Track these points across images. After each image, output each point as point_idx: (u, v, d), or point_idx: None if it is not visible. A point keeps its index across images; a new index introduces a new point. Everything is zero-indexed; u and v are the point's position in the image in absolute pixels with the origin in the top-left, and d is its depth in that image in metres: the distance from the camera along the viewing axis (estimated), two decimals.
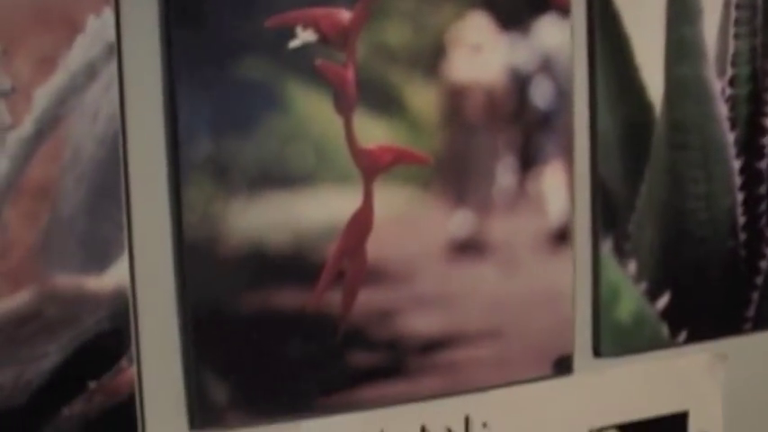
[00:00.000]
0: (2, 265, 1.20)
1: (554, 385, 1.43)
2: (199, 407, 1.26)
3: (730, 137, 1.49)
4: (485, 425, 1.40)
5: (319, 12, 1.26)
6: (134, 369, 1.25)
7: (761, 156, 1.51)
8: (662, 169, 1.46)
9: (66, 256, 1.22)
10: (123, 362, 1.24)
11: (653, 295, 1.47)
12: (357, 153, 1.29)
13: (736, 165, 1.50)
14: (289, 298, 1.27)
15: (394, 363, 1.33)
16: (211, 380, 1.26)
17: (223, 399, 1.27)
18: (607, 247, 1.44)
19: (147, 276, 1.24)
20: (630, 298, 1.46)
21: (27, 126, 1.19)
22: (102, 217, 1.23)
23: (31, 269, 1.21)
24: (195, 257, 1.24)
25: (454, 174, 1.34)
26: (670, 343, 1.49)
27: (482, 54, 1.35)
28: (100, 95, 1.21)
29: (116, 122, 1.22)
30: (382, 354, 1.33)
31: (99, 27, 1.20)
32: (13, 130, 1.19)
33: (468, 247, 1.35)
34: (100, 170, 1.22)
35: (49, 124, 1.20)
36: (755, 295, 1.54)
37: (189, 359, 1.26)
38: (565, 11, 1.38)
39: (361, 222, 1.30)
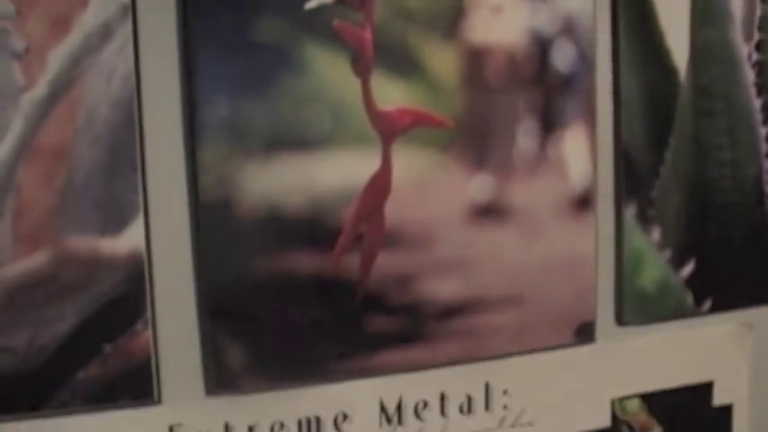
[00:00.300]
0: (17, 227, 1.19)
1: (576, 353, 1.41)
2: (215, 371, 1.25)
3: (757, 103, 1.47)
4: (505, 392, 1.38)
5: None
6: (149, 333, 1.24)
7: None
8: (686, 135, 1.44)
9: (82, 218, 1.21)
10: (139, 325, 1.24)
11: (677, 263, 1.45)
12: (375, 115, 1.27)
13: (763, 132, 1.48)
14: (305, 262, 1.26)
15: (413, 328, 1.32)
16: (227, 344, 1.25)
17: (239, 363, 1.26)
18: (630, 213, 1.42)
19: (163, 239, 1.23)
20: (654, 265, 1.44)
21: (41, 87, 1.19)
22: (117, 179, 1.22)
23: (47, 231, 1.20)
24: (211, 220, 1.23)
25: (474, 137, 1.32)
26: (694, 312, 1.47)
27: (502, 16, 1.32)
28: (115, 56, 1.20)
29: (131, 83, 1.21)
30: (401, 319, 1.31)
31: None
32: (27, 92, 1.18)
33: (489, 212, 1.34)
34: (115, 131, 1.22)
35: (64, 85, 1.19)
36: None
37: (205, 323, 1.25)
38: None
39: (379, 186, 1.28)
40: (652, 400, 1.47)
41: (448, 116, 1.31)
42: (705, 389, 1.50)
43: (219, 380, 1.26)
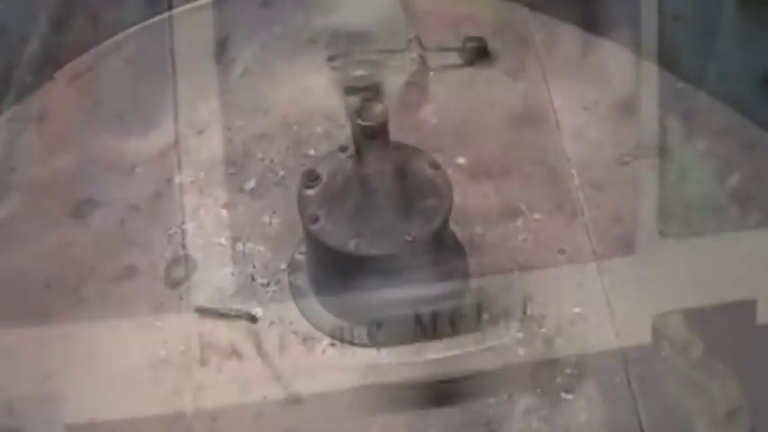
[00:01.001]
0: (43, 129, 1.18)
1: (616, 265, 1.37)
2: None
3: None
4: (542, 304, 1.35)
5: None
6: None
7: None
8: (732, 44, 1.39)
9: (110, 120, 1.20)
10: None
11: (723, 174, 1.41)
12: (414, 18, 1.24)
13: None
14: (340, 167, 1.23)
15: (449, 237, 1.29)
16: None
17: None
18: (674, 121, 1.38)
19: (194, 135, 1.21)
20: (699, 176, 1.40)
21: None
22: (146, 78, 1.20)
23: (75, 132, 1.19)
24: (242, 119, 1.20)
25: (515, 41, 1.29)
26: (740, 225, 1.43)
27: None
28: None
29: None
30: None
31: None
32: None
33: (528, 118, 1.30)
34: (145, 30, 1.20)
35: None
36: None
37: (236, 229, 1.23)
38: None
39: (416, 90, 1.25)
40: (694, 317, 1.44)
41: (488, 21, 1.27)
42: (749, 306, 1.46)
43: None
